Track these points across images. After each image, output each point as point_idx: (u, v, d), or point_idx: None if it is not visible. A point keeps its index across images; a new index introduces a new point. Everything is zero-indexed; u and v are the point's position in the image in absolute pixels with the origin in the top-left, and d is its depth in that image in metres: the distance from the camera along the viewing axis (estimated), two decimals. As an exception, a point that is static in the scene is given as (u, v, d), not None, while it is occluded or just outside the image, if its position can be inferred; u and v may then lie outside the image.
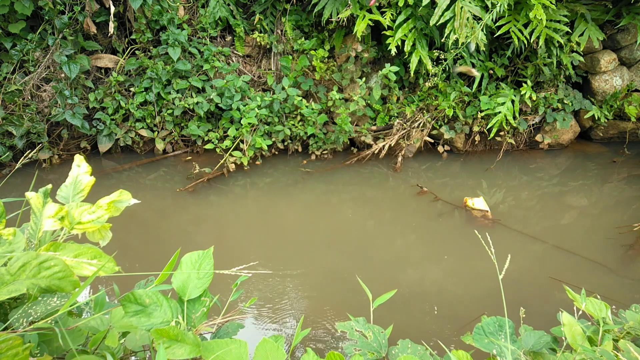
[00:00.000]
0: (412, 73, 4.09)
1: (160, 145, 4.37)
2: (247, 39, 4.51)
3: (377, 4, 4.02)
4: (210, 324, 1.06)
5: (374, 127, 4.47)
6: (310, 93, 4.52)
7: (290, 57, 4.40)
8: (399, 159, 4.33)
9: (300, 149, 4.51)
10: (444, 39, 3.90)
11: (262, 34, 4.40)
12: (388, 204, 3.79)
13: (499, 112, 4.24)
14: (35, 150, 3.63)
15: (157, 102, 4.24)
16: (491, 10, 3.77)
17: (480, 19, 3.84)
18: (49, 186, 1.07)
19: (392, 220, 3.57)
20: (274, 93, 4.39)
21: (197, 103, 4.16)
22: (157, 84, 4.15)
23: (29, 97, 4.07)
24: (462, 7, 3.70)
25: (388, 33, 4.01)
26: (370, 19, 3.97)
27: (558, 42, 4.15)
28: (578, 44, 4.24)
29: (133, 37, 4.24)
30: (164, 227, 3.41)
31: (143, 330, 0.98)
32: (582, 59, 4.33)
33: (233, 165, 4.08)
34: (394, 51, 3.94)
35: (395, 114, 4.42)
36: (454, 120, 4.46)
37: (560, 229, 3.45)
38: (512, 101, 4.28)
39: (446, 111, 4.28)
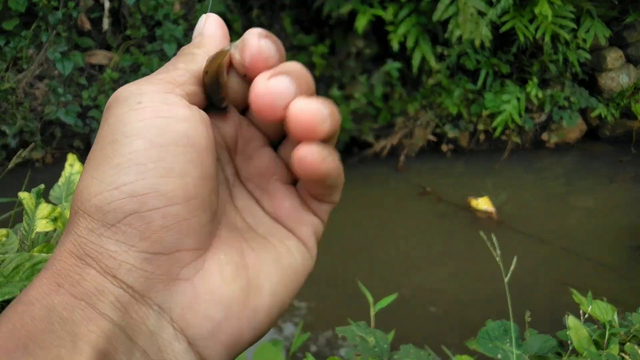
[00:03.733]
0: (414, 70, 4.04)
1: (156, 144, 4.31)
2: (245, 35, 4.45)
3: (379, -1, 3.98)
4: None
5: (375, 126, 4.41)
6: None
7: (290, 53, 4.34)
8: (402, 158, 4.27)
9: (299, 148, 4.45)
10: (447, 34, 3.86)
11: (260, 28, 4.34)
12: (390, 205, 3.75)
13: (504, 110, 4.19)
14: (27, 150, 3.58)
15: (153, 99, 4.19)
16: (495, 6, 3.73)
17: (484, 14, 3.81)
18: (42, 186, 1.04)
19: (394, 221, 3.53)
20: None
21: (194, 101, 4.10)
22: (153, 81, 4.10)
23: (23, 95, 4.02)
24: (465, 2, 3.66)
25: (390, 29, 3.96)
26: (371, 14, 3.93)
27: (564, 38, 4.10)
28: (584, 40, 4.20)
29: (128, 33, 4.18)
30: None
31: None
32: (588, 55, 4.29)
33: (231, 165, 4.03)
34: (396, 47, 3.90)
35: (398, 112, 4.36)
36: (458, 119, 4.40)
37: (566, 230, 3.41)
38: (518, 99, 4.23)
39: (450, 109, 4.22)
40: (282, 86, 0.27)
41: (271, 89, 0.27)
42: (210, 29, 0.31)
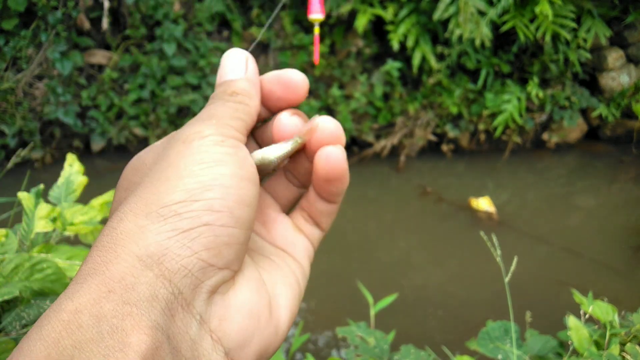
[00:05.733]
0: (415, 69, 4.02)
1: (155, 144, 4.29)
2: (245, 34, 4.42)
3: (379, -1, 3.97)
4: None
5: (376, 125, 4.39)
6: (309, 90, 4.44)
7: (289, 52, 4.32)
8: (402, 158, 4.25)
9: (299, 148, 4.43)
10: (447, 34, 3.84)
11: (259, 27, 4.32)
12: (390, 205, 3.72)
13: (505, 110, 4.17)
14: (26, 149, 3.56)
15: (152, 99, 4.16)
16: (496, 5, 3.71)
17: (485, 13, 3.79)
18: (41, 186, 1.05)
19: (394, 221, 3.51)
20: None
21: (193, 100, 4.08)
22: (152, 81, 4.07)
23: (22, 95, 4.00)
24: (466, 2, 3.63)
25: (390, 28, 3.94)
26: (372, 14, 3.91)
27: (565, 38, 4.08)
28: (585, 40, 4.18)
29: (127, 32, 4.16)
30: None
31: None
32: (589, 55, 4.26)
33: (231, 165, 4.01)
34: (396, 47, 3.87)
35: (398, 112, 4.34)
36: (459, 119, 4.38)
37: (567, 231, 3.39)
38: (518, 99, 4.21)
39: (450, 109, 4.20)
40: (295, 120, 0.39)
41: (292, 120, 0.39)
42: (254, 76, 0.37)
